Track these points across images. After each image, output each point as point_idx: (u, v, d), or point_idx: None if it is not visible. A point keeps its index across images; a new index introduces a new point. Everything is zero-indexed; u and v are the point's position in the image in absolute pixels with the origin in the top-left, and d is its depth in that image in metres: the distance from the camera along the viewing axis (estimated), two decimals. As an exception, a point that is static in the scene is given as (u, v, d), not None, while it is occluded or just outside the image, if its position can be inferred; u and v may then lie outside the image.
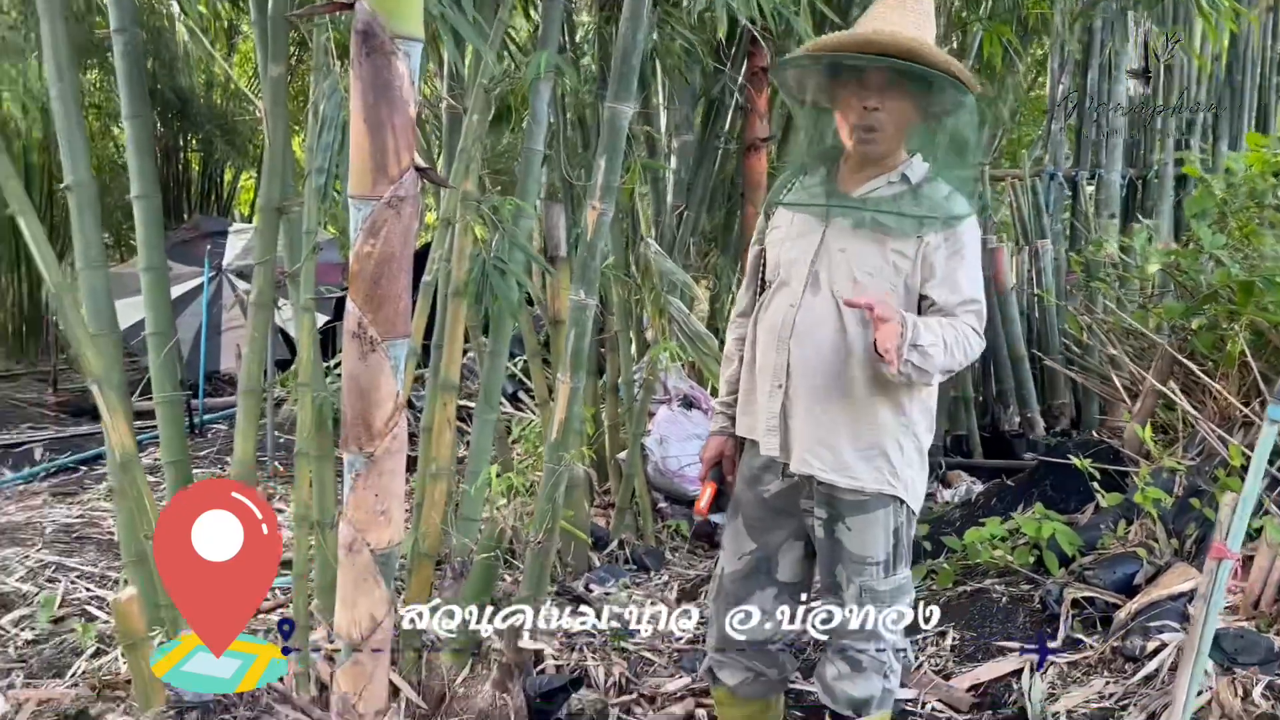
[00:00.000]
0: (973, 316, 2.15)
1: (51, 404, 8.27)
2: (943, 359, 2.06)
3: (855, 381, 2.16)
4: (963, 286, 2.15)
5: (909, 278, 2.15)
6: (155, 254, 3.14)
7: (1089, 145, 6.79)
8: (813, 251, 2.22)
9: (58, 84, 2.90)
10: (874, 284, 2.14)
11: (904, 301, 2.16)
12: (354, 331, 2.04)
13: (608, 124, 2.81)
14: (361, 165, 1.93)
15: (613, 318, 4.74)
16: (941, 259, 2.14)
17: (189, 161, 13.74)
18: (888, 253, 2.15)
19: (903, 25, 2.10)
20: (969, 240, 2.17)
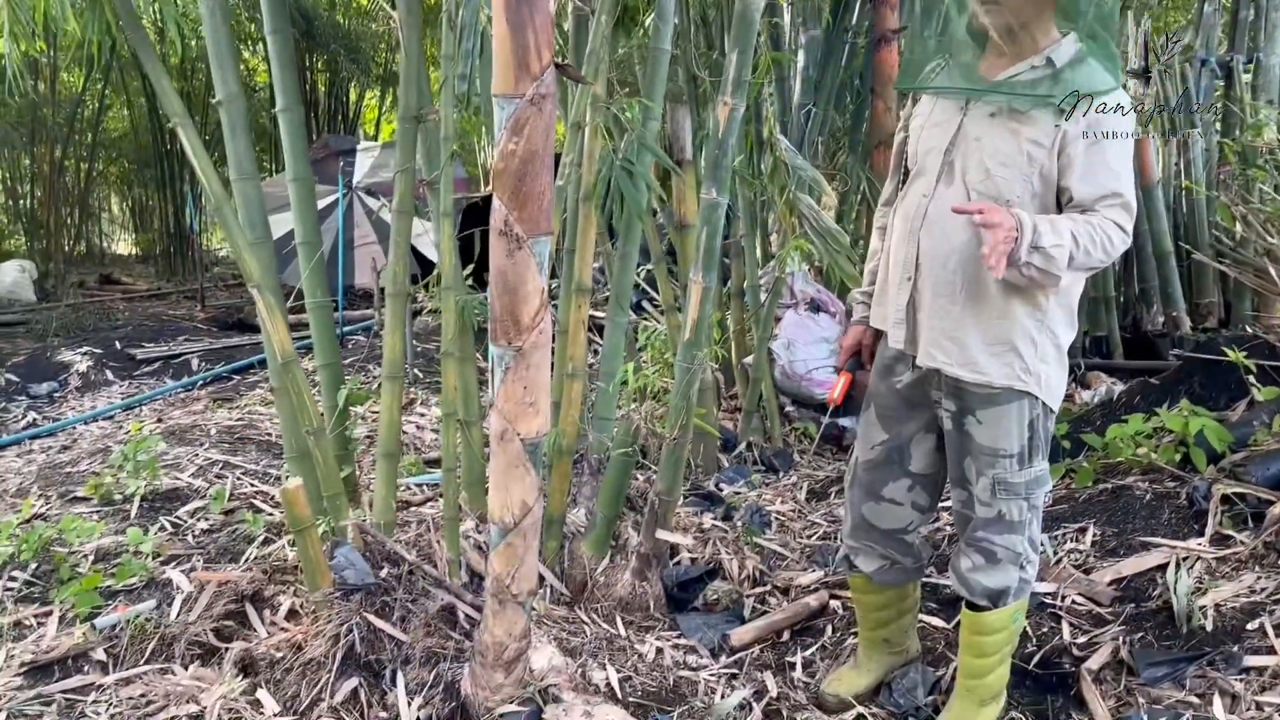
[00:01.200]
0: (1116, 210, 2.04)
1: (201, 319, 8.76)
2: (1074, 258, 1.98)
3: (986, 274, 2.09)
4: (1102, 178, 2.03)
5: (1044, 167, 2.06)
6: (301, 164, 3.27)
7: (1245, 28, 6.33)
8: (949, 139, 2.17)
9: (208, 1, 3.00)
10: (1006, 175, 2.08)
11: (1040, 194, 2.08)
12: (500, 229, 2.10)
13: (739, 16, 2.77)
14: (504, 63, 1.97)
15: (738, 221, 4.73)
16: (1080, 149, 2.04)
17: (315, 81, 14.06)
18: (1022, 141, 2.06)
19: None
20: (1114, 128, 2.04)
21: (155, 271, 12.85)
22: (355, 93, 15.18)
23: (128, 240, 16.64)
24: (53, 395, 5.83)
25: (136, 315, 8.84)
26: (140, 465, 3.56)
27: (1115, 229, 2.03)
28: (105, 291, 10.75)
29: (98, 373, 6.18)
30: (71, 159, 12.29)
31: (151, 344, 6.94)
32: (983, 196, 2.09)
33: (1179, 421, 3.14)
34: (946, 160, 2.17)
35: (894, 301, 2.29)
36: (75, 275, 11.25)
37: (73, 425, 5.14)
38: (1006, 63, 2.14)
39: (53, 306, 8.90)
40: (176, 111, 2.73)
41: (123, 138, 13.83)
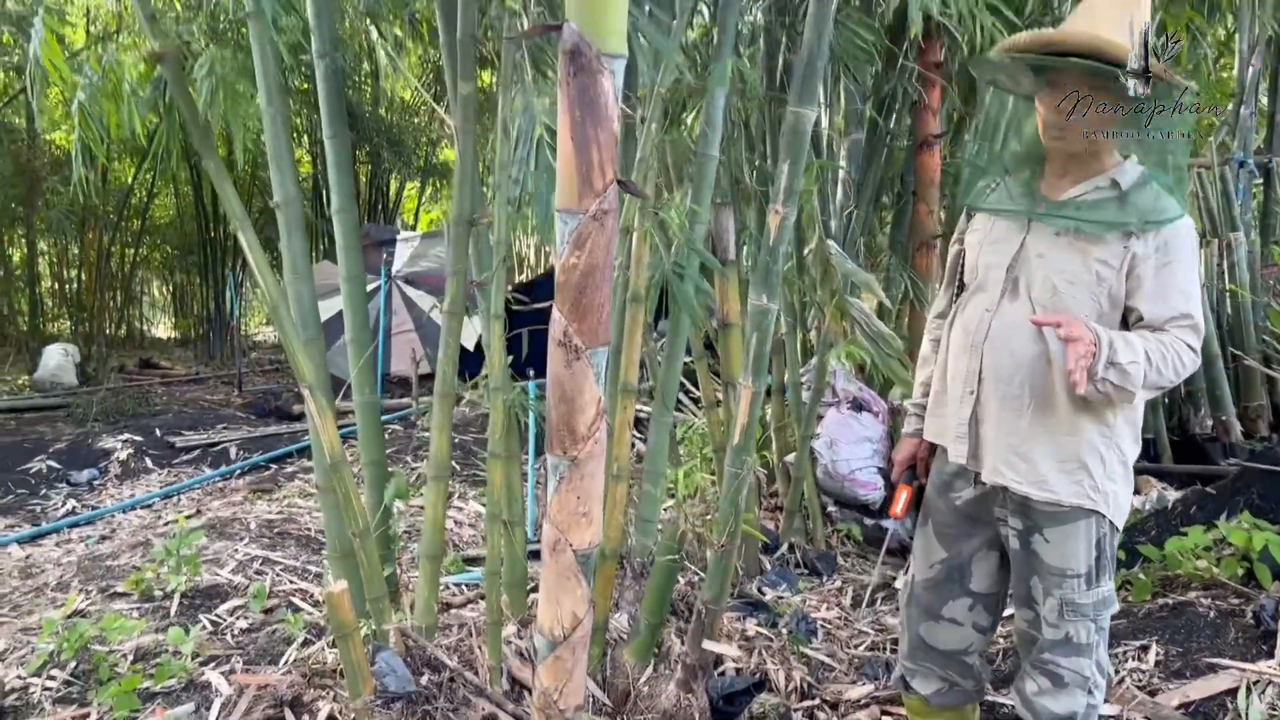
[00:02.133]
0: (1187, 332, 2.03)
1: (238, 404, 8.84)
2: (1146, 376, 1.97)
3: (1054, 391, 2.09)
4: (1173, 300, 2.04)
5: (1113, 288, 2.06)
6: (354, 263, 3.32)
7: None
8: (1011, 256, 2.17)
9: (269, 109, 3.09)
10: (1073, 293, 2.07)
11: (1107, 313, 2.07)
12: (559, 339, 2.11)
13: (790, 128, 2.81)
14: (568, 180, 2.00)
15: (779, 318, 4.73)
16: (1150, 270, 2.04)
17: (357, 173, 14.43)
18: (1090, 261, 2.06)
19: (1096, 23, 2.02)
20: (1182, 249, 2.05)
21: (194, 356, 13.04)
22: (396, 183, 15.53)
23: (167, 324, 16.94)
24: (92, 483, 5.87)
25: (175, 400, 8.94)
26: (182, 560, 3.55)
27: (1186, 349, 2.02)
28: (144, 376, 10.89)
29: (137, 460, 6.21)
30: (118, 244, 12.60)
31: (190, 431, 6.99)
32: (1049, 313, 2.07)
33: (1242, 536, 3.06)
34: (1010, 276, 2.16)
35: (955, 415, 2.26)
36: (116, 359, 11.43)
37: (112, 514, 5.15)
38: (1069, 183, 2.14)
39: (94, 390, 9.02)
40: (237, 215, 2.79)
41: (168, 224, 14.18)
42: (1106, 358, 1.93)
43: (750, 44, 4.33)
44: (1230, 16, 6.41)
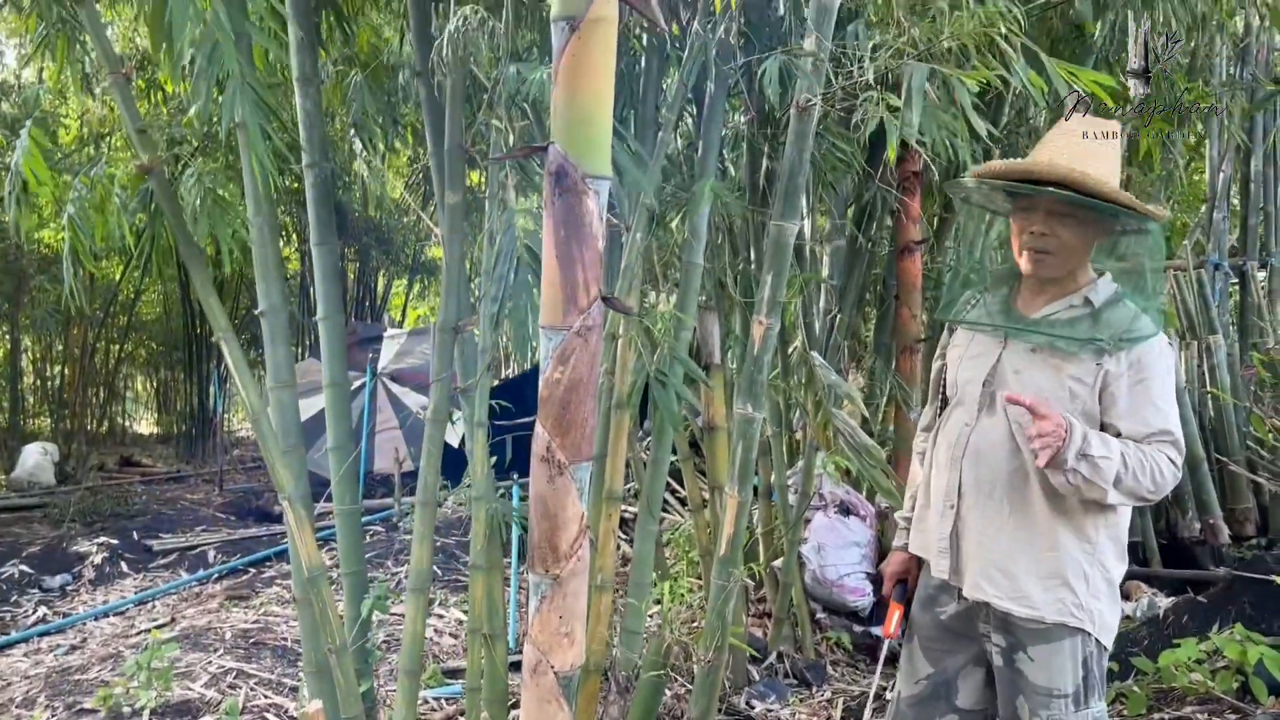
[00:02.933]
0: (1167, 447, 2.03)
1: (219, 504, 8.72)
2: (1120, 478, 1.96)
3: (1033, 505, 2.09)
4: (1149, 417, 2.04)
5: (1086, 404, 2.07)
6: (339, 369, 3.31)
7: (1255, 232, 6.50)
8: (989, 371, 2.19)
9: (256, 218, 3.11)
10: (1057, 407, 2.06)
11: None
12: (542, 455, 2.09)
13: (773, 241, 2.85)
14: (553, 297, 2.01)
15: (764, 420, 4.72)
16: (1124, 387, 2.05)
17: (345, 270, 14.51)
18: (1064, 378, 2.08)
19: (1069, 153, 2.08)
20: (1155, 366, 2.06)
21: (175, 453, 12.90)
22: (384, 280, 15.63)
23: (150, 420, 16.80)
24: (65, 588, 5.73)
25: (155, 499, 8.81)
26: (153, 674, 3.44)
27: (1166, 462, 2.01)
28: (125, 474, 10.76)
29: (112, 565, 6.09)
30: (103, 341, 12.57)
31: (168, 534, 6.87)
32: (1023, 430, 2.08)
33: (1236, 649, 3.02)
34: (987, 392, 2.18)
35: (936, 530, 2.25)
36: (96, 456, 11.29)
37: (83, 621, 5.03)
38: (1045, 300, 2.17)
39: (72, 490, 8.88)
40: (222, 326, 2.79)
41: (155, 321, 14.18)
42: (1078, 449, 1.94)
43: (734, 147, 4.41)
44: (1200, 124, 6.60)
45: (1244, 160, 6.61)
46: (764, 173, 4.10)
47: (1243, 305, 6.46)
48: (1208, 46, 5.72)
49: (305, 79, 3.33)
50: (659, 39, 3.40)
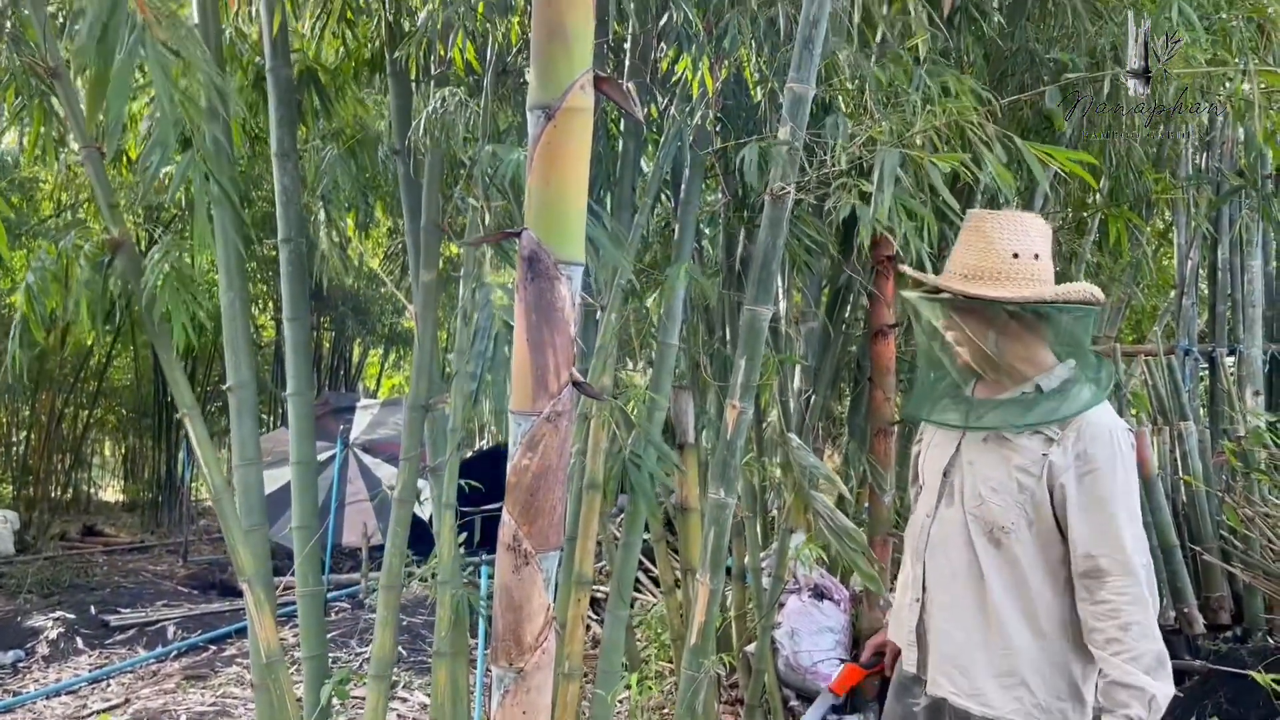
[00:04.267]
0: (1116, 582, 1.90)
1: (182, 576, 8.51)
2: (1152, 671, 1.87)
3: (989, 600, 2.04)
4: (1094, 532, 1.93)
5: (1035, 496, 2.01)
6: (306, 448, 3.26)
7: (1224, 319, 6.59)
8: (948, 461, 2.18)
9: (228, 293, 3.10)
10: (997, 500, 2.05)
11: (1034, 521, 2.02)
12: (508, 544, 2.04)
13: (747, 325, 2.85)
14: (523, 382, 1.98)
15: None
16: (1072, 480, 1.97)
17: (320, 339, 14.45)
18: (1011, 469, 2.04)
19: (970, 255, 2.10)
20: (1099, 456, 1.96)
21: (140, 522, 12.65)
22: (359, 350, 15.57)
23: (115, 487, 16.51)
24: (17, 665, 5.55)
25: (116, 570, 8.60)
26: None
27: (1132, 607, 1.90)
28: (86, 544, 10.51)
29: (68, 640, 5.90)
30: (72, 406, 12.39)
31: (128, 608, 6.69)
32: (978, 521, 2.06)
33: (1213, 746, 2.97)
34: (946, 482, 2.17)
35: (905, 622, 2.23)
36: (58, 525, 11.04)
37: (34, 700, 4.85)
38: (998, 389, 2.17)
39: (31, 560, 8.66)
40: (186, 403, 2.75)
41: (125, 387, 14.02)
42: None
43: (710, 224, 4.45)
44: (1167, 211, 6.73)
45: (1211, 248, 6.73)
46: (739, 254, 4.13)
47: (1213, 391, 6.52)
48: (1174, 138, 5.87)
49: (284, 154, 3.34)
50: (636, 123, 3.44)
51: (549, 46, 1.83)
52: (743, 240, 4.14)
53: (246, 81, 3.79)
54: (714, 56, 3.08)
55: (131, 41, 2.31)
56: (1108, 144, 4.20)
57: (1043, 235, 2.10)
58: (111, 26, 2.28)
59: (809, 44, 2.65)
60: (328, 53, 3.94)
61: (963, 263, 2.11)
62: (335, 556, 8.76)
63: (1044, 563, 2.01)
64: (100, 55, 2.27)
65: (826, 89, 3.09)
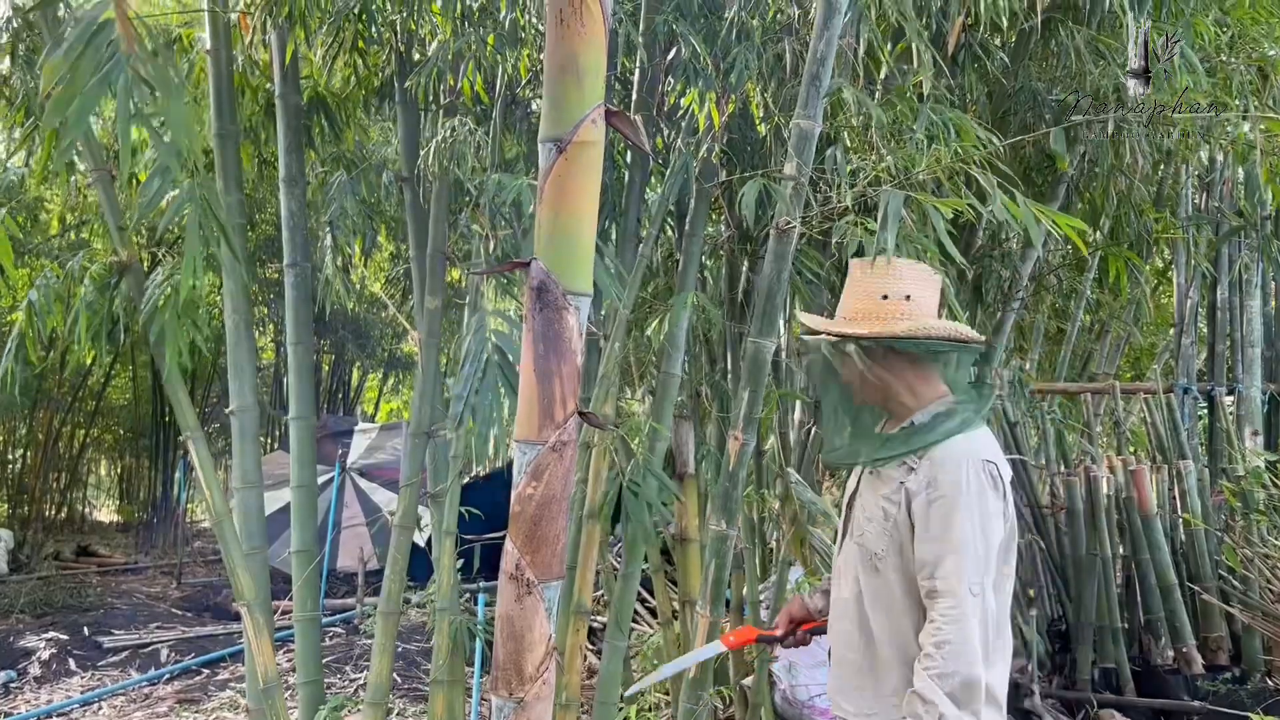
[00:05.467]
0: (945, 600, 1.92)
1: (175, 598, 8.46)
2: (950, 692, 1.88)
3: (869, 625, 2.11)
4: (928, 550, 1.97)
5: (899, 524, 2.04)
6: (307, 472, 3.26)
7: (1222, 360, 6.61)
8: (850, 494, 2.27)
9: (233, 316, 3.11)
10: (871, 529, 2.11)
11: (902, 550, 2.05)
12: (511, 573, 2.04)
13: (750, 358, 2.86)
14: (528, 411, 1.99)
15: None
16: (922, 506, 2.00)
17: (320, 362, 14.44)
18: (879, 498, 2.11)
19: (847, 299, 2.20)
20: (943, 482, 1.98)
21: (134, 543, 12.59)
22: (358, 374, 15.57)
23: (110, 507, 16.45)
24: (8, 685, 5.50)
25: (110, 591, 8.55)
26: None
27: (946, 625, 1.92)
28: (80, 564, 10.46)
29: (60, 662, 5.86)
30: (69, 425, 12.36)
31: (121, 630, 6.65)
32: (861, 549, 2.13)
33: (1213, 788, 2.95)
34: (848, 514, 2.25)
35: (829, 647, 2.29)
36: (52, 544, 10.99)
37: (23, 722, 4.81)
38: (893, 427, 2.19)
39: (24, 580, 8.62)
40: (190, 425, 2.75)
41: (124, 407, 14.00)
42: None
43: (713, 256, 4.47)
44: (1167, 250, 6.77)
45: (1210, 287, 6.77)
46: (742, 286, 4.15)
47: (1211, 430, 6.53)
48: (1174, 178, 5.92)
49: (291, 180, 3.37)
50: (643, 156, 3.47)
51: (561, 81, 1.86)
52: (745, 272, 4.17)
53: (258, 106, 3.83)
54: (721, 91, 3.12)
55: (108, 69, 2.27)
56: (1109, 183, 4.23)
57: (918, 279, 2.17)
58: (91, 49, 2.24)
59: (816, 81, 2.67)
60: (338, 80, 3.98)
61: (841, 306, 2.22)
62: (331, 581, 8.72)
63: (914, 588, 2.05)
64: (74, 76, 2.22)
65: (832, 125, 3.11)
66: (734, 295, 4.08)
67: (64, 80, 2.06)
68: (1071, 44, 3.70)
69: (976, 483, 1.99)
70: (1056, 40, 3.97)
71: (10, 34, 3.22)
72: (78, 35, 2.18)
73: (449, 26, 3.18)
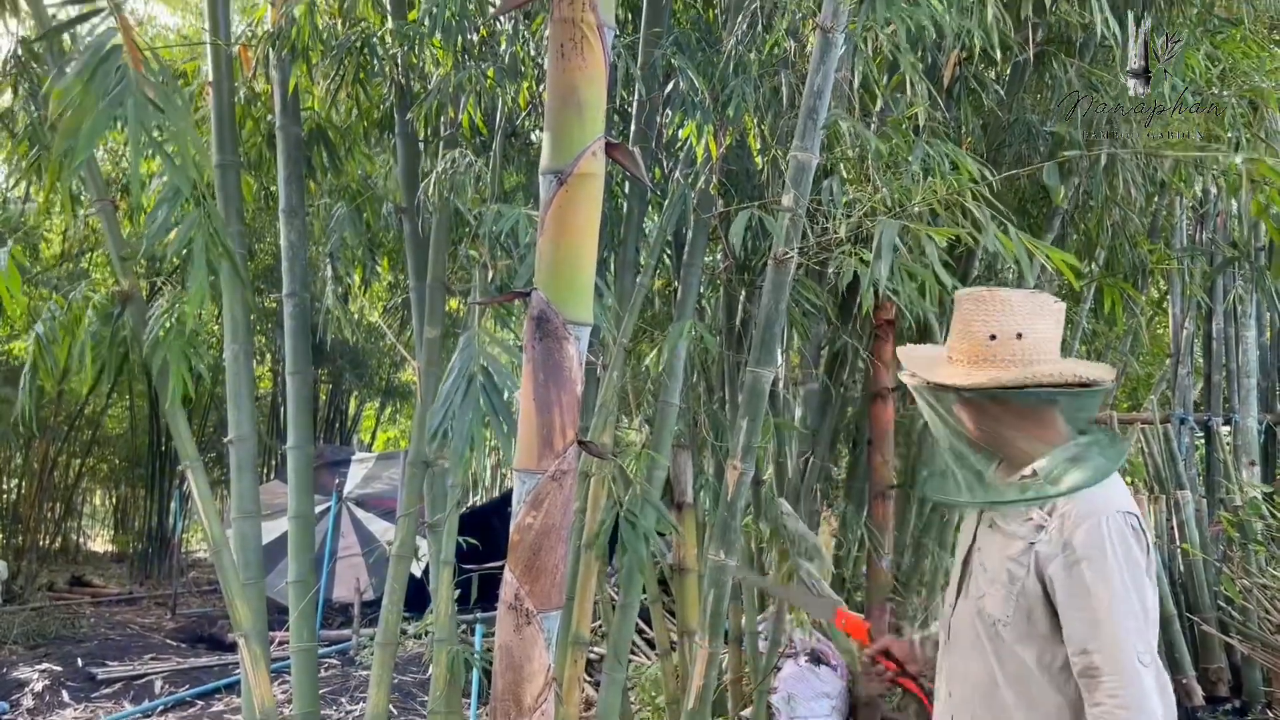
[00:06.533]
0: (1111, 679, 1.71)
1: (170, 629, 8.41)
2: None
3: (996, 699, 1.91)
4: (1081, 631, 1.75)
5: (1027, 589, 1.85)
6: (304, 502, 3.26)
7: (1218, 390, 6.63)
8: (967, 549, 2.06)
9: (232, 345, 3.12)
10: (994, 593, 1.92)
11: (1030, 611, 1.86)
12: (510, 603, 2.04)
13: (749, 388, 2.87)
14: (528, 440, 2.00)
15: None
16: (1060, 570, 1.79)
17: (317, 391, 14.43)
18: (1004, 559, 1.90)
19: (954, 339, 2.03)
20: (1089, 544, 1.76)
21: (129, 573, 12.52)
22: (355, 403, 15.56)
23: (105, 537, 16.37)
24: (1, 717, 5.46)
25: (104, 622, 8.50)
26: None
27: (1118, 710, 1.71)
28: (75, 594, 10.40)
29: (53, 693, 5.82)
30: (64, 455, 12.33)
31: (115, 662, 6.60)
32: (980, 615, 1.94)
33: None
34: (965, 571, 2.05)
35: (939, 714, 2.13)
36: (46, 574, 10.93)
37: (15, 755, 4.77)
38: (1006, 474, 2.01)
39: (17, 610, 8.56)
40: (190, 456, 2.76)
41: (120, 436, 13.96)
42: None
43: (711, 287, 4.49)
44: (1162, 280, 6.81)
45: (1206, 318, 6.80)
46: (740, 315, 4.16)
47: (1209, 460, 6.54)
48: (1169, 209, 5.96)
49: (291, 211, 3.39)
50: (642, 186, 3.50)
51: (562, 114, 1.89)
52: (743, 302, 4.19)
53: (259, 138, 3.86)
54: (718, 123, 3.15)
55: (117, 92, 2.28)
56: (1104, 214, 4.26)
57: (1032, 312, 1.97)
58: (100, 74, 2.26)
59: (813, 114, 2.71)
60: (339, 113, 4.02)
61: (949, 347, 2.05)
62: (326, 612, 8.67)
63: (1048, 660, 1.86)
64: (83, 99, 2.23)
65: (828, 156, 3.14)
66: (732, 325, 4.09)
67: (72, 105, 2.09)
68: (1064, 77, 3.75)
69: (1121, 538, 1.78)
70: (1050, 73, 4.02)
71: (15, 65, 3.25)
72: (85, 61, 2.21)
73: (450, 60, 3.22)
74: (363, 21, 3.37)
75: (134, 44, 2.05)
